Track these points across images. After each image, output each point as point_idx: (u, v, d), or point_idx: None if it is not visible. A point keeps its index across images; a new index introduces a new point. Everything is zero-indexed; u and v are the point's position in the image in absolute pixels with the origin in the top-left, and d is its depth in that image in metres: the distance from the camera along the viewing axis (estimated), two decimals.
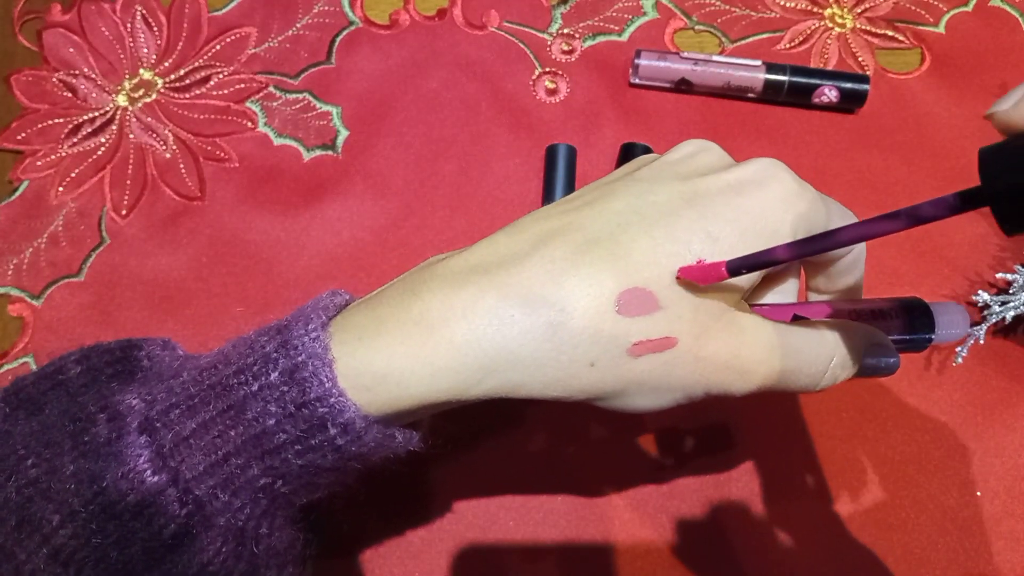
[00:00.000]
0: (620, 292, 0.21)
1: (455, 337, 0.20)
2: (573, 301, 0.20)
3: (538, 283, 0.21)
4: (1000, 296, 0.37)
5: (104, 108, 0.44)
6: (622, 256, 0.21)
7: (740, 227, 0.22)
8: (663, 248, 0.21)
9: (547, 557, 0.35)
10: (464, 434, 0.37)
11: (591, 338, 0.21)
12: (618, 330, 0.21)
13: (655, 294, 0.21)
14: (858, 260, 0.26)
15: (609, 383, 0.21)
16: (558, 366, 0.21)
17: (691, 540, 0.35)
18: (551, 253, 0.21)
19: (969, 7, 0.48)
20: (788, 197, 0.22)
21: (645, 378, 0.21)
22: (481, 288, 0.21)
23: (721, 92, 0.44)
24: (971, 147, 0.43)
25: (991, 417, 0.37)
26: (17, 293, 0.40)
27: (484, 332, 0.20)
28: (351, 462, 0.22)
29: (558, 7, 0.47)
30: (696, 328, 0.21)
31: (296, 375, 0.21)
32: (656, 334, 0.21)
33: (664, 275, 0.21)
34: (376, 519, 0.35)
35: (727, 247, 0.21)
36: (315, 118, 0.44)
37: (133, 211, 0.42)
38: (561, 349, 0.20)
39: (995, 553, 0.35)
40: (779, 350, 0.23)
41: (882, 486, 0.36)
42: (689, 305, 0.21)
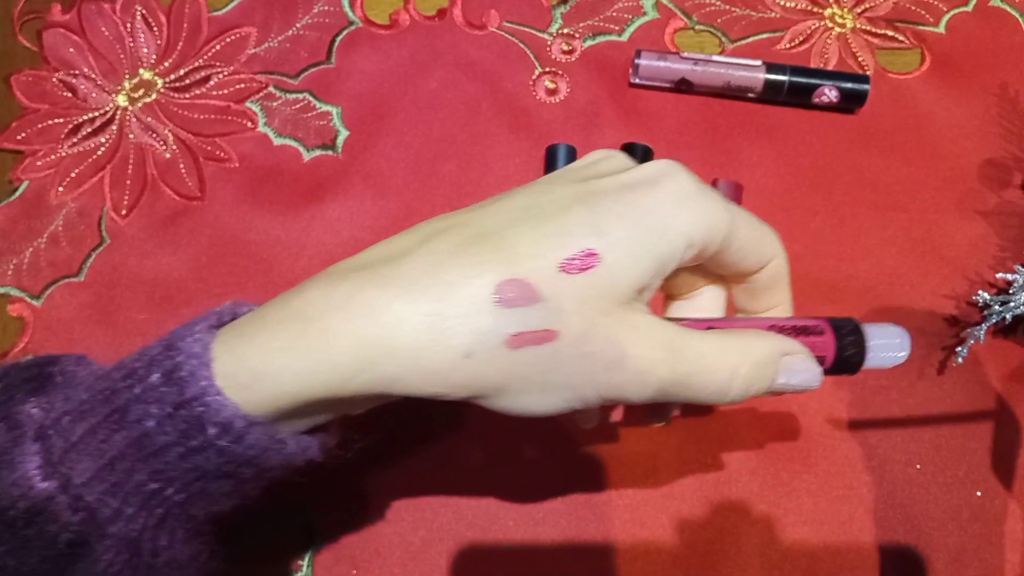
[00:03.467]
0: (499, 282, 0.20)
1: (330, 329, 0.20)
2: (449, 293, 0.20)
3: (418, 275, 0.21)
4: (1000, 296, 0.37)
5: (104, 108, 0.44)
6: (506, 248, 0.21)
7: (629, 221, 0.21)
8: (549, 241, 0.21)
9: (547, 557, 0.35)
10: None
11: (467, 330, 0.20)
12: (496, 321, 0.20)
13: (536, 286, 0.21)
14: (778, 278, 0.26)
15: (488, 376, 0.21)
16: (435, 358, 0.20)
17: (691, 540, 0.35)
18: (435, 247, 0.21)
19: (969, 7, 0.48)
20: (682, 195, 0.22)
21: (526, 372, 0.21)
22: (361, 282, 0.21)
23: (721, 92, 0.44)
24: (971, 147, 0.43)
25: (991, 417, 0.37)
26: (17, 293, 0.40)
27: (359, 323, 0.20)
28: (242, 468, 0.21)
29: (558, 7, 0.47)
30: (581, 323, 0.21)
31: (175, 375, 0.20)
32: (536, 326, 0.20)
33: (548, 267, 0.21)
34: (376, 519, 0.35)
35: (614, 240, 0.21)
36: (315, 118, 0.44)
37: (133, 211, 0.42)
38: (438, 340, 0.20)
39: (995, 553, 0.35)
40: (677, 352, 0.22)
41: (882, 486, 0.36)
42: (573, 299, 0.21)
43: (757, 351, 0.23)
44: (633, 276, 0.21)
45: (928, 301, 0.40)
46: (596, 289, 0.21)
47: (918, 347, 0.38)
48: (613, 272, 0.21)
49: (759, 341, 0.23)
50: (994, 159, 0.43)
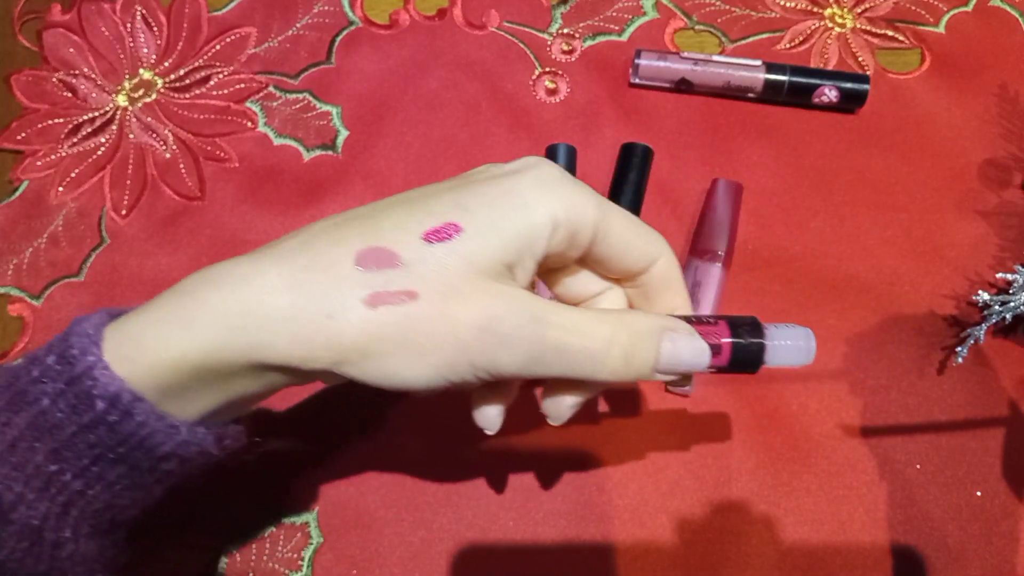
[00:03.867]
0: (360, 249, 0.22)
1: (203, 298, 0.22)
2: (316, 258, 0.22)
3: (288, 250, 0.22)
4: (1000, 296, 0.37)
5: (104, 108, 0.44)
6: (373, 225, 0.22)
7: (489, 198, 0.22)
8: (414, 217, 0.22)
9: (547, 557, 0.35)
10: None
11: (329, 288, 0.21)
12: (355, 280, 0.21)
13: (397, 252, 0.22)
14: (668, 279, 0.26)
15: (349, 336, 0.21)
16: (299, 319, 0.21)
17: (691, 540, 0.35)
18: (310, 229, 0.23)
19: (969, 7, 0.47)
20: (546, 180, 0.23)
21: (387, 332, 0.21)
22: (238, 262, 0.22)
23: (721, 92, 0.44)
24: (971, 147, 0.43)
25: (991, 417, 0.37)
26: (17, 293, 0.40)
27: (232, 290, 0.21)
28: (135, 452, 0.22)
29: (558, 7, 0.47)
30: (441, 287, 0.22)
31: (67, 353, 0.21)
32: (394, 287, 0.21)
33: (410, 239, 0.22)
34: (376, 519, 0.35)
35: (476, 214, 0.22)
36: (315, 118, 0.44)
37: (133, 211, 0.42)
38: (300, 304, 0.21)
39: (995, 553, 0.35)
40: (546, 319, 0.22)
41: (882, 486, 0.36)
42: (434, 264, 0.22)
43: (635, 323, 0.23)
44: (495, 247, 0.22)
45: (928, 301, 0.40)
46: (457, 255, 0.22)
47: (918, 347, 0.39)
48: (475, 242, 0.22)
49: (638, 315, 0.24)
50: (994, 159, 0.43)
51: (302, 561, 0.35)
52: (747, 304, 0.39)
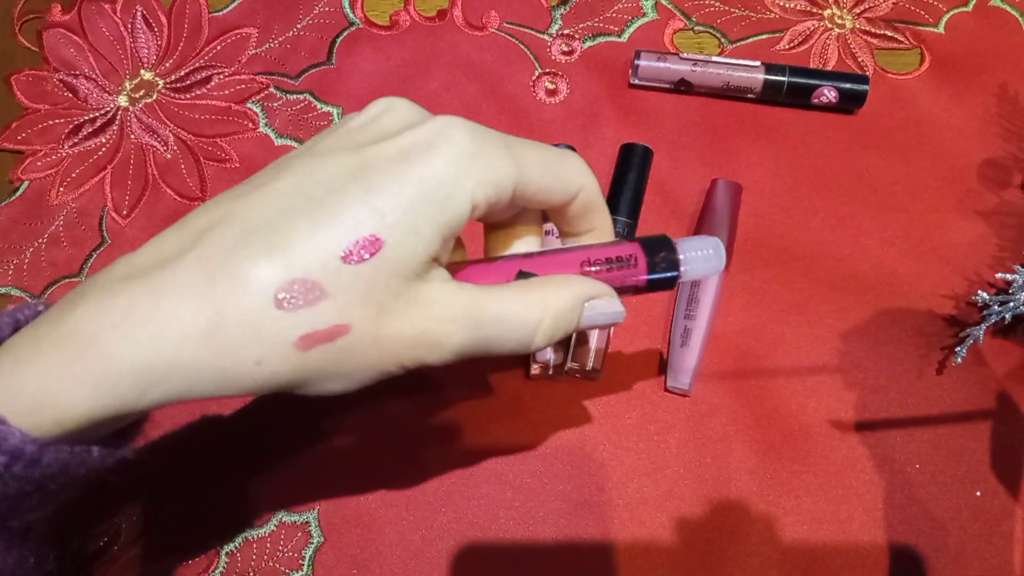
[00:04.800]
0: (279, 284, 0.19)
1: (107, 351, 0.19)
2: (228, 301, 0.19)
3: (192, 285, 0.20)
4: (1000, 296, 0.37)
5: (105, 108, 0.44)
6: (280, 245, 0.20)
7: (407, 198, 0.20)
8: (326, 232, 0.20)
9: (547, 557, 0.35)
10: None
11: (252, 338, 0.20)
12: (281, 326, 0.20)
13: (319, 282, 0.20)
14: (589, 205, 0.26)
15: (284, 377, 0.20)
16: (222, 369, 0.20)
17: (691, 540, 0.35)
18: (206, 251, 0.20)
19: (969, 7, 0.48)
20: (461, 159, 0.21)
21: (323, 366, 0.21)
22: (134, 295, 0.20)
23: (720, 93, 0.44)
24: (971, 147, 0.43)
25: (991, 417, 0.37)
26: (18, 293, 0.40)
27: (137, 343, 0.19)
28: (47, 483, 0.21)
29: (558, 8, 0.47)
30: (372, 309, 0.20)
31: None
32: (324, 323, 0.20)
33: (329, 260, 0.20)
34: (376, 519, 0.35)
35: (394, 220, 0.20)
36: (316, 119, 0.44)
37: (134, 211, 0.42)
38: (222, 353, 0.19)
39: (995, 553, 0.35)
40: (475, 319, 0.22)
41: (882, 486, 0.36)
42: (361, 287, 0.20)
43: (557, 303, 0.24)
44: (419, 251, 0.21)
45: (928, 301, 0.40)
46: (383, 273, 0.20)
47: (917, 347, 0.39)
48: (398, 252, 0.20)
49: (559, 292, 0.24)
50: (994, 159, 0.43)
51: (303, 560, 0.35)
52: (747, 304, 0.39)
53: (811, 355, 0.38)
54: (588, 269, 0.25)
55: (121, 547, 0.34)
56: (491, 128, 0.23)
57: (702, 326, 0.37)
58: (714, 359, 0.38)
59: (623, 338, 0.39)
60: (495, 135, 0.23)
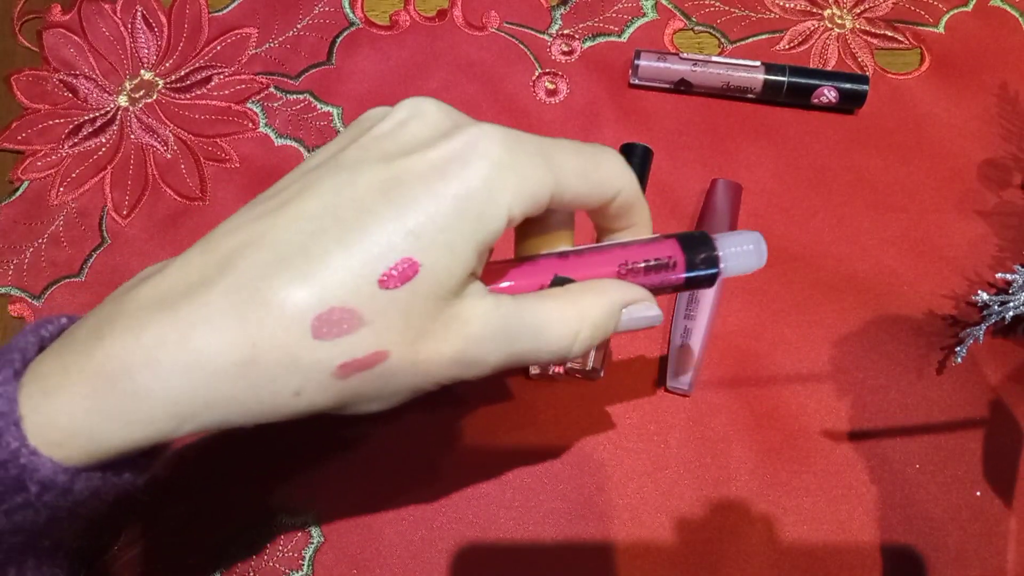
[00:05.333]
0: (316, 315, 0.19)
1: (140, 388, 0.19)
2: (263, 332, 0.19)
3: (223, 316, 0.19)
4: (1000, 296, 0.37)
5: (105, 108, 0.44)
6: (314, 274, 0.19)
7: (442, 216, 0.20)
8: (359, 257, 0.19)
9: (547, 557, 0.35)
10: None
11: (289, 370, 0.19)
12: (318, 355, 0.19)
13: (356, 309, 0.19)
14: (628, 207, 0.25)
15: (321, 404, 0.20)
16: (259, 401, 0.20)
17: (691, 540, 0.35)
18: (237, 279, 0.19)
19: (969, 7, 0.48)
20: (496, 173, 0.20)
21: (362, 391, 0.21)
22: (163, 327, 0.19)
23: (720, 93, 0.44)
24: (971, 147, 0.43)
25: (991, 417, 0.37)
26: (18, 293, 0.40)
27: (169, 379, 0.19)
28: (78, 508, 0.21)
29: (558, 8, 0.47)
30: (410, 334, 0.20)
31: None
32: (362, 352, 0.20)
33: (364, 286, 0.19)
34: (376, 519, 0.35)
35: (430, 241, 0.20)
36: (316, 119, 0.44)
37: (134, 211, 0.42)
38: (258, 385, 0.19)
39: (995, 553, 0.35)
40: (512, 335, 0.22)
41: (882, 486, 0.36)
42: (398, 312, 0.20)
43: (595, 313, 0.23)
44: (455, 271, 0.20)
45: (928, 301, 0.40)
46: (420, 296, 0.20)
47: (917, 347, 0.39)
48: (435, 274, 0.20)
49: (597, 301, 0.24)
50: (994, 159, 0.43)
51: (303, 560, 0.35)
52: (747, 304, 0.39)
53: (811, 355, 0.38)
54: (626, 270, 0.25)
55: (121, 547, 0.34)
56: (525, 132, 0.22)
57: (702, 326, 0.37)
58: (714, 359, 0.38)
59: (623, 338, 0.39)
60: (530, 142, 0.22)
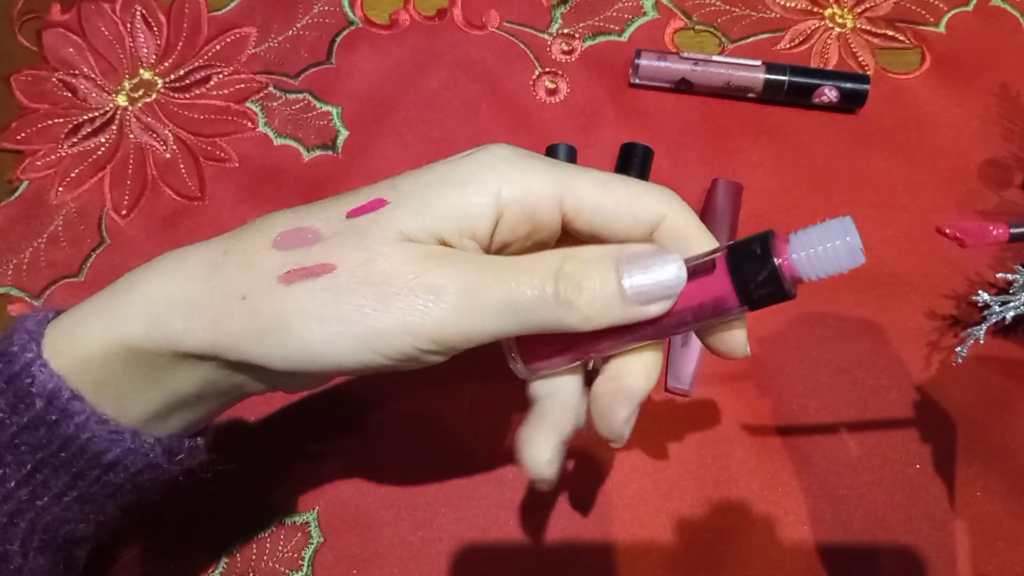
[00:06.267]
0: (279, 232, 0.21)
1: (133, 289, 0.22)
2: (234, 245, 0.22)
3: (216, 239, 0.22)
4: (1000, 296, 0.37)
5: (104, 108, 0.44)
6: (300, 211, 0.22)
7: (424, 178, 0.22)
8: (342, 200, 0.22)
9: (547, 557, 0.35)
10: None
11: (243, 271, 0.21)
12: (271, 263, 0.21)
13: (319, 230, 0.21)
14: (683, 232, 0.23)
15: (265, 314, 0.20)
16: (213, 305, 0.21)
17: (691, 540, 0.35)
18: (246, 225, 0.23)
19: (969, 7, 0.47)
20: (491, 161, 0.22)
21: (305, 305, 0.20)
22: (173, 251, 0.23)
23: (721, 92, 0.44)
24: (972, 147, 0.43)
25: (991, 417, 0.37)
26: (17, 293, 0.40)
27: (151, 278, 0.22)
28: (77, 459, 0.21)
29: (558, 7, 0.47)
30: (363, 255, 0.20)
31: (7, 351, 0.21)
32: (311, 261, 0.21)
33: (333, 216, 0.21)
34: (376, 519, 0.35)
35: (405, 189, 0.22)
36: (315, 118, 0.44)
37: (133, 211, 0.42)
38: (215, 287, 0.21)
39: (995, 553, 0.35)
40: (478, 264, 0.21)
41: (882, 486, 0.36)
42: (355, 234, 0.21)
43: (580, 253, 0.21)
44: (423, 220, 0.21)
45: (928, 301, 0.40)
46: (379, 225, 0.21)
47: (918, 347, 0.39)
48: (400, 213, 0.21)
49: (584, 248, 0.21)
50: (994, 159, 0.43)
51: (302, 561, 0.35)
52: None
53: (811, 355, 0.38)
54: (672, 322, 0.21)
55: (121, 547, 0.34)
56: (554, 159, 0.23)
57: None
58: (714, 359, 0.38)
59: None
60: (545, 158, 0.22)
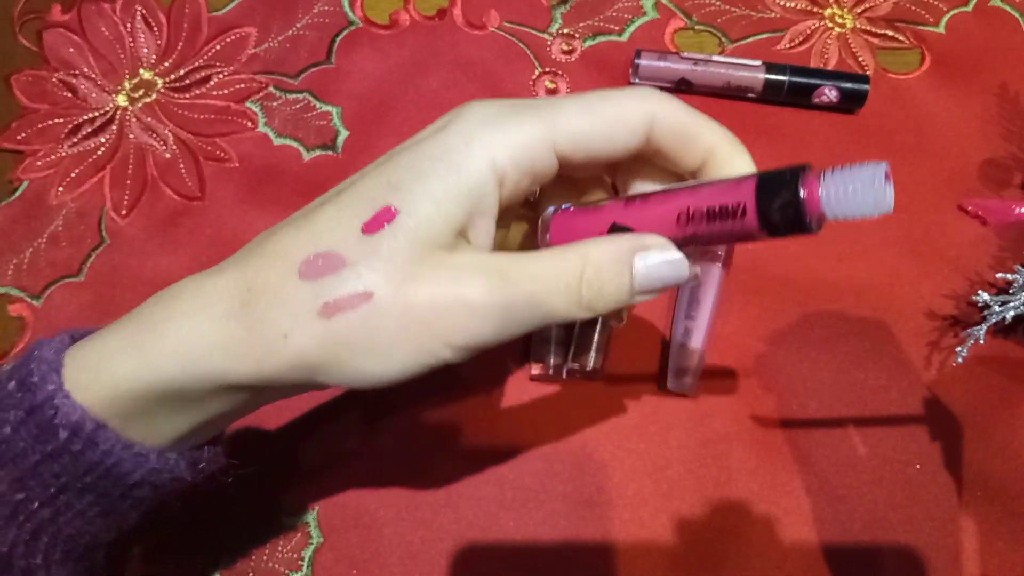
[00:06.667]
0: (300, 259, 0.21)
1: (162, 327, 0.21)
2: (257, 278, 0.21)
3: (232, 266, 0.22)
4: (1000, 296, 0.37)
5: (104, 108, 0.44)
6: (306, 228, 0.21)
7: (418, 169, 0.21)
8: (347, 210, 0.21)
9: (547, 557, 0.35)
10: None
11: (278, 308, 0.21)
12: (303, 295, 0.21)
13: (340, 253, 0.21)
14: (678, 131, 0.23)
15: (312, 350, 0.21)
16: (252, 344, 0.21)
17: (691, 540, 0.35)
18: (251, 242, 0.23)
19: (969, 7, 0.47)
20: (474, 130, 0.21)
21: (351, 338, 0.20)
22: (190, 282, 0.22)
23: (721, 92, 0.44)
24: (971, 147, 0.43)
25: (991, 417, 0.37)
26: (17, 293, 0.40)
27: (183, 320, 0.21)
28: (102, 480, 0.21)
29: (558, 7, 0.47)
30: (396, 276, 0.20)
31: (27, 381, 0.21)
32: (345, 291, 0.20)
33: (350, 234, 0.21)
34: (376, 519, 0.35)
35: (408, 190, 0.21)
36: (315, 118, 0.44)
37: (133, 211, 0.42)
38: (252, 327, 0.21)
39: (995, 553, 0.35)
40: (507, 276, 0.21)
41: (882, 486, 0.36)
42: (381, 256, 0.21)
43: (597, 253, 0.22)
44: (438, 218, 0.21)
45: (928, 301, 0.40)
46: (401, 240, 0.21)
47: (918, 347, 0.39)
48: (415, 219, 0.21)
49: (600, 244, 0.22)
50: (994, 159, 0.43)
51: (302, 561, 0.35)
52: (747, 304, 0.39)
53: (811, 355, 0.38)
54: (686, 219, 0.22)
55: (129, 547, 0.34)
56: (528, 98, 0.22)
57: (702, 326, 0.37)
58: (714, 359, 0.38)
59: (623, 338, 0.39)
60: (522, 101, 0.22)
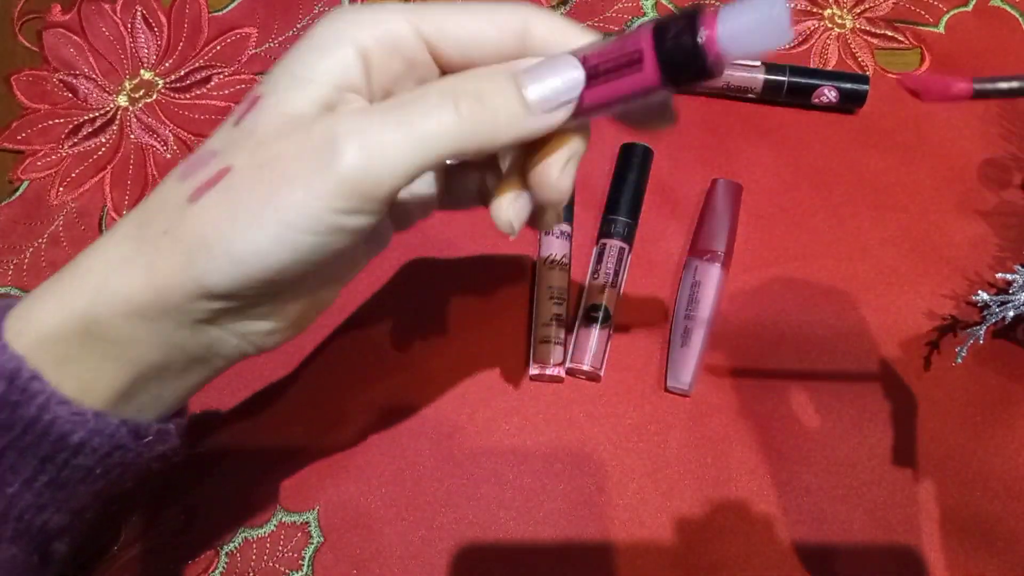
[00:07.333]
0: (184, 164, 0.22)
1: (76, 263, 0.22)
2: (151, 198, 0.23)
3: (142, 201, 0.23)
4: (1000, 296, 0.37)
5: (104, 108, 0.44)
6: (205, 144, 0.23)
7: (285, 60, 0.22)
8: (232, 116, 0.23)
9: (547, 557, 0.35)
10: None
11: (159, 212, 0.22)
12: (179, 192, 0.22)
13: (215, 148, 0.22)
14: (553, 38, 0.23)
15: (184, 237, 0.21)
16: (141, 251, 0.21)
17: (691, 540, 0.35)
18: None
19: (969, 7, 0.48)
20: (335, 18, 0.22)
21: (215, 214, 0.21)
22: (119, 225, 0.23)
23: (721, 92, 0.44)
24: (971, 147, 0.43)
25: (991, 417, 0.37)
26: (17, 293, 0.40)
27: (91, 252, 0.22)
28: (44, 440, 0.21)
29: (558, 7, 0.47)
30: (256, 149, 0.21)
31: None
32: (209, 175, 0.21)
33: (224, 130, 0.22)
34: (376, 519, 0.35)
35: (273, 78, 0.22)
36: None
37: None
38: (140, 236, 0.22)
39: (995, 553, 0.35)
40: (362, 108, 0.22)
41: (882, 486, 0.36)
42: (244, 136, 0.21)
43: (471, 72, 0.22)
44: (298, 93, 0.22)
45: (928, 301, 0.40)
46: (262, 115, 0.21)
47: (918, 347, 0.39)
48: (275, 97, 0.22)
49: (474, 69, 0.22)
50: (994, 159, 0.43)
51: (302, 561, 0.35)
52: (747, 304, 0.39)
53: (811, 355, 0.38)
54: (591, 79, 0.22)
55: (121, 547, 0.34)
56: None
57: (702, 326, 0.37)
58: (714, 359, 0.38)
59: (623, 338, 0.39)
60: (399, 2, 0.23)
